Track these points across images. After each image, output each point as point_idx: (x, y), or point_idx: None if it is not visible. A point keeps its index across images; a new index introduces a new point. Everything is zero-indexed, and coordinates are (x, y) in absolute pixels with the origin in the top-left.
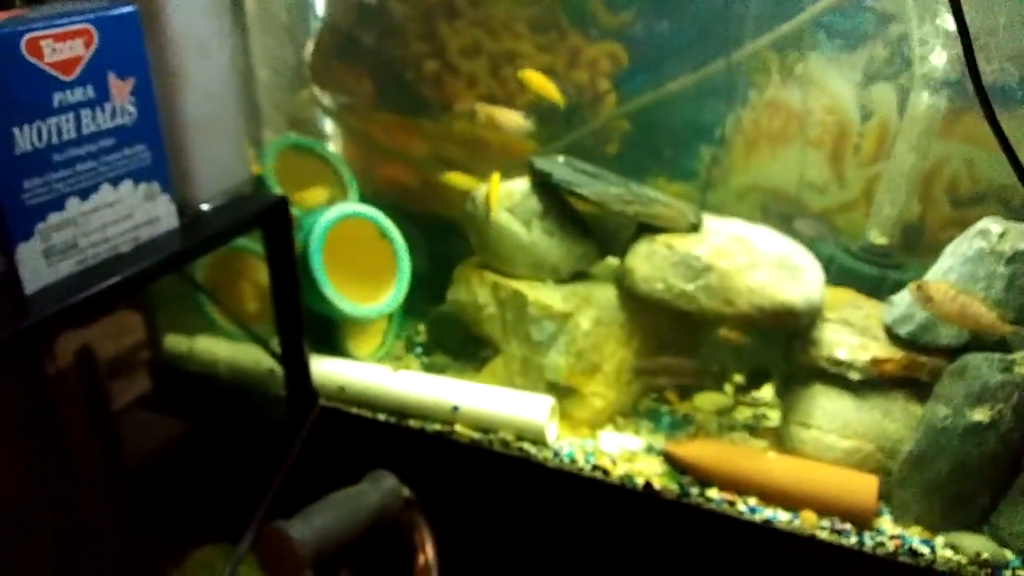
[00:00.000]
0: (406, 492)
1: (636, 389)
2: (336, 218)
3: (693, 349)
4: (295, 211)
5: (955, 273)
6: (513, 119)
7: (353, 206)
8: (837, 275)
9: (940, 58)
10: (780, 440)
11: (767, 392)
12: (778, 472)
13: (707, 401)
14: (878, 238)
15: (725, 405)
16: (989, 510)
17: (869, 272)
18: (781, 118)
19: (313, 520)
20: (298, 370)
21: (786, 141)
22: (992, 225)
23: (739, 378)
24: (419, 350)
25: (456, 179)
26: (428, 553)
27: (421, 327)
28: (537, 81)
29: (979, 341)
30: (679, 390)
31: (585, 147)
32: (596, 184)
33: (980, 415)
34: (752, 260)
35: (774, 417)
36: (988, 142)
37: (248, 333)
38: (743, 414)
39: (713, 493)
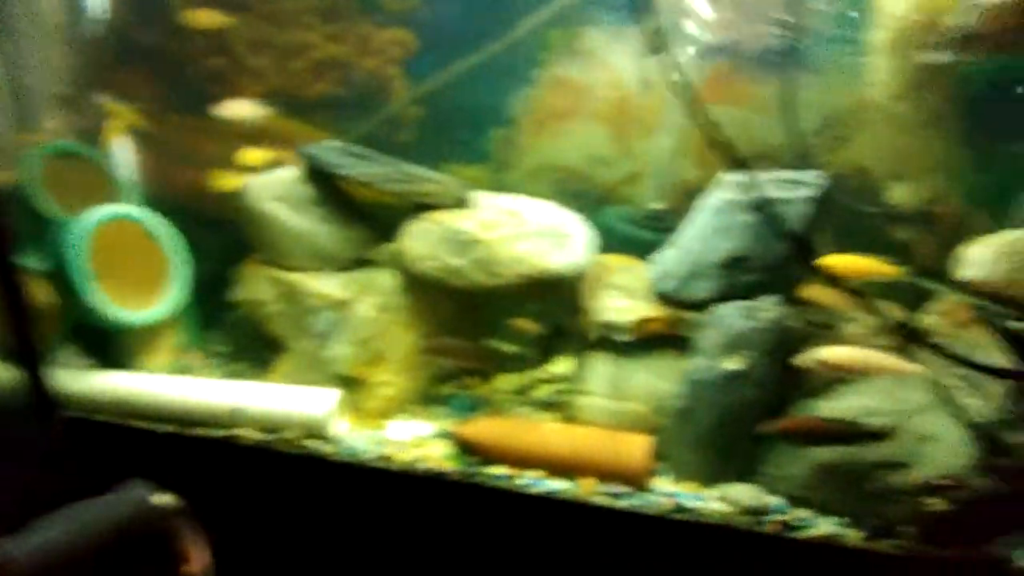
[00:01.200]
0: (167, 500)
1: (428, 375)
2: (99, 220)
3: (483, 331)
4: (63, 217)
5: (707, 224)
6: (243, 109)
7: (117, 208)
8: (620, 243)
9: (706, 24)
10: (567, 411)
11: (564, 367)
12: (555, 442)
13: (507, 382)
14: (656, 203)
15: (526, 384)
16: (758, 458)
17: (648, 237)
18: (567, 95)
19: (33, 536)
20: (34, 381)
21: (573, 118)
22: (731, 174)
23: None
24: (219, 359)
25: (224, 178)
26: (195, 561)
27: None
28: None
29: (734, 290)
30: (481, 373)
31: (379, 137)
32: (361, 165)
33: (734, 364)
34: (519, 231)
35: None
36: (759, 104)
37: None
38: (544, 391)
39: (497, 470)
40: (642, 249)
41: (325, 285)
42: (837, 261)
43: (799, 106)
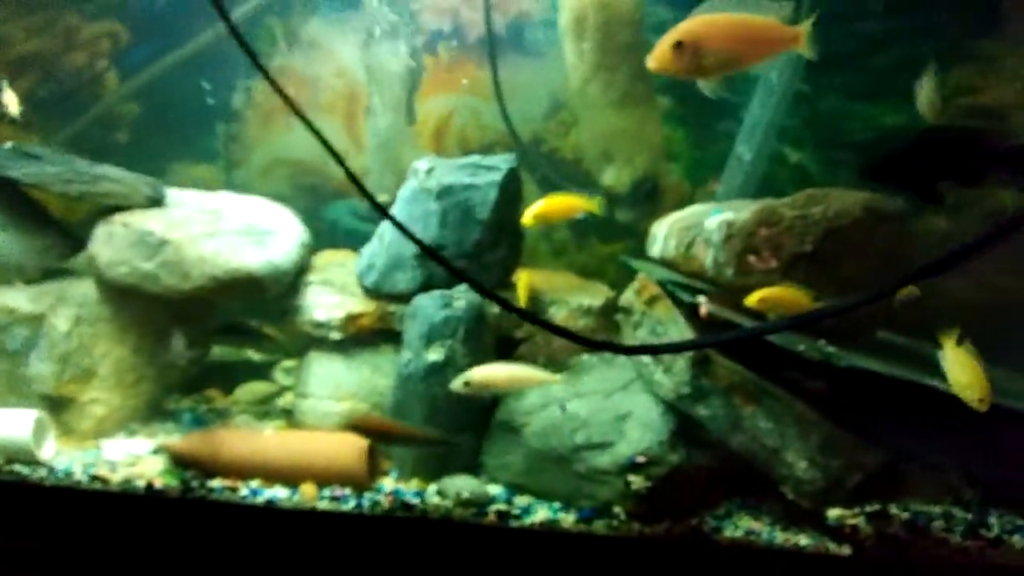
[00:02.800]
0: None
1: (149, 390)
2: None
3: (200, 339)
4: None
5: (401, 214)
6: None
7: None
8: (343, 237)
9: (428, 11)
10: (292, 415)
11: (286, 371)
12: (274, 450)
13: (248, 392)
14: (381, 195)
15: (268, 393)
16: (478, 449)
17: (371, 230)
18: (292, 87)
19: None
20: None
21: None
22: (420, 162)
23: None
24: None
25: None
26: None
27: None
28: None
29: (434, 280)
30: (223, 385)
31: (92, 137)
32: (31, 166)
33: (435, 354)
34: (212, 229)
35: None
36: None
37: None
38: (287, 399)
39: (216, 483)
40: (362, 242)
41: (12, 299)
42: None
43: (526, 91)
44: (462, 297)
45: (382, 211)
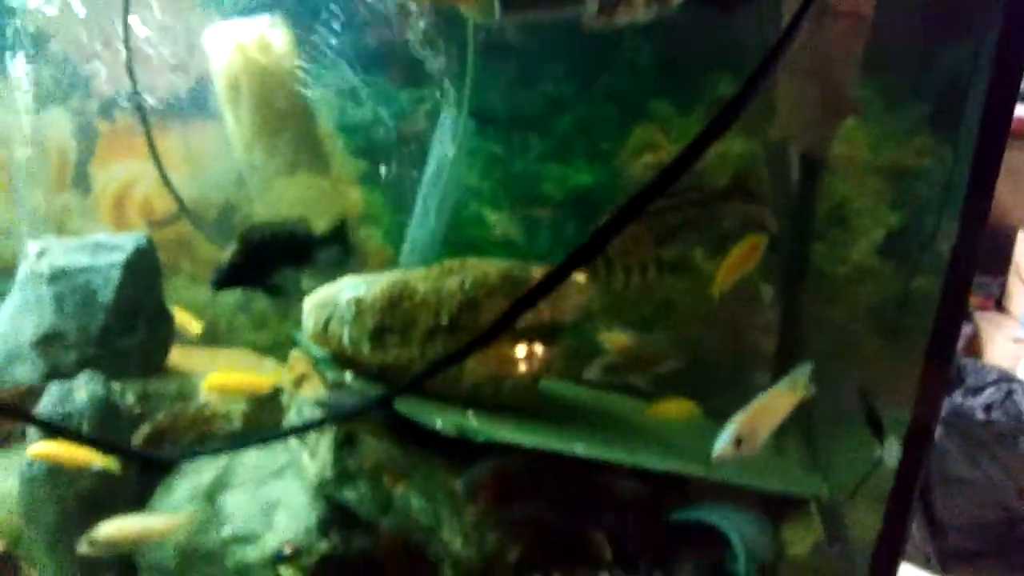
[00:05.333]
0: None
1: None
2: None
3: None
4: None
5: (16, 300)
6: None
7: None
8: None
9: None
10: None
11: None
12: None
13: None
14: None
15: None
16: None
17: None
18: None
19: None
20: None
21: None
22: (31, 244)
23: None
24: None
25: None
26: None
27: None
28: None
29: (60, 370)
30: None
31: None
32: None
33: None
34: None
35: None
36: (176, 159)
37: None
38: None
39: None
40: None
41: None
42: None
43: (216, 157)
44: (82, 388)
45: None
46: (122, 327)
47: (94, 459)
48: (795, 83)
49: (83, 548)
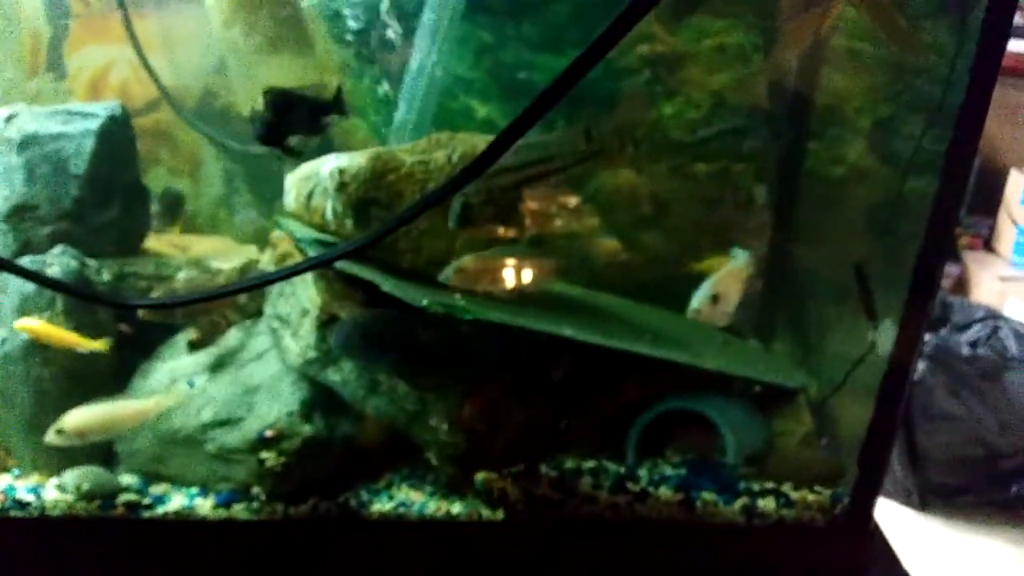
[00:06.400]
0: None
1: None
2: None
3: None
4: None
5: None
6: None
7: None
8: None
9: None
10: None
11: None
12: None
13: None
14: None
15: None
16: None
17: None
18: None
19: None
20: None
21: None
22: (1, 110)
23: None
24: None
25: None
26: None
27: None
28: None
29: (32, 246)
30: None
31: None
32: None
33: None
34: None
35: None
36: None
37: None
38: None
39: None
40: None
41: None
42: None
43: (197, 41)
44: (57, 262)
45: None
46: (97, 201)
47: (82, 342)
48: None
49: (50, 438)
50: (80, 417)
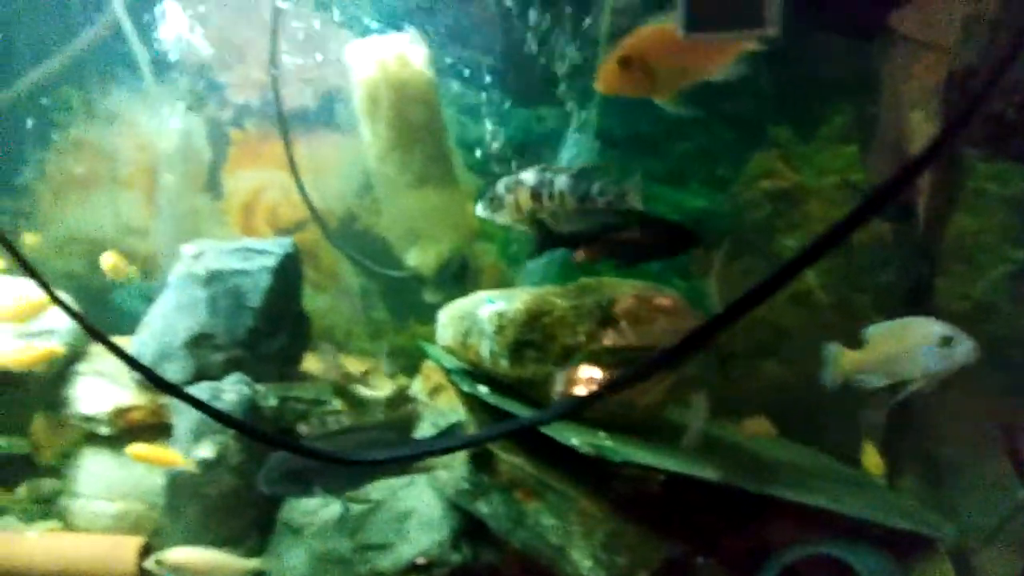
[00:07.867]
0: None
1: None
2: None
3: None
4: None
5: (170, 300)
6: None
7: None
8: (129, 321)
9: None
10: (62, 516)
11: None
12: (38, 554)
13: (31, 489)
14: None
15: (54, 491)
16: (261, 551)
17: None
18: (89, 160)
19: None
20: None
21: (98, 184)
22: (188, 247)
23: None
24: None
25: None
26: None
27: None
28: None
29: (207, 370)
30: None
31: None
32: None
33: (205, 450)
34: None
35: None
36: (303, 168)
37: None
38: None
39: None
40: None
41: None
42: None
43: (339, 167)
44: (232, 389)
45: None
46: (267, 330)
47: (179, 460)
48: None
49: (149, 564)
50: (182, 555)
